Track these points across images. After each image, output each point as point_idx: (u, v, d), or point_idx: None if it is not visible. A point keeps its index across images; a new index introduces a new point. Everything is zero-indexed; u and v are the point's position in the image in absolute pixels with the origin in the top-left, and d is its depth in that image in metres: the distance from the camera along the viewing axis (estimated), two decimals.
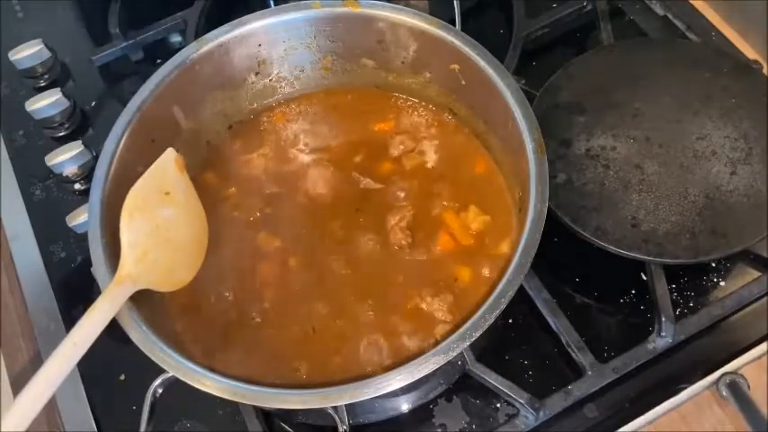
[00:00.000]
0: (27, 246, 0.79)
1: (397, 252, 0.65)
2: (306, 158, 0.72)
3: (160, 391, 0.57)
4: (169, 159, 0.58)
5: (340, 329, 0.62)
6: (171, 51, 0.68)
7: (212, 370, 0.53)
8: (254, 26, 0.68)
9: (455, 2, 0.79)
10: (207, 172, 0.71)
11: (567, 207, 0.68)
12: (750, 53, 0.82)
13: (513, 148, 0.62)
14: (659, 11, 0.87)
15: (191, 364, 0.53)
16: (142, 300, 0.56)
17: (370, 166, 0.71)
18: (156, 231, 0.54)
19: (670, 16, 0.86)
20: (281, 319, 0.63)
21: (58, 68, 0.92)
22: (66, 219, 0.76)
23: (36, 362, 0.73)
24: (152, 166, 0.56)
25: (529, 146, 0.59)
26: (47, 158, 0.80)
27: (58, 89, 0.85)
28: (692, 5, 0.87)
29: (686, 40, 0.83)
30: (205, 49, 0.67)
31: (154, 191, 0.54)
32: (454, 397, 0.66)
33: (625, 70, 0.76)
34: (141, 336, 0.53)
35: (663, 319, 0.65)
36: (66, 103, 0.85)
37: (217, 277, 0.64)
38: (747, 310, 0.68)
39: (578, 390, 0.64)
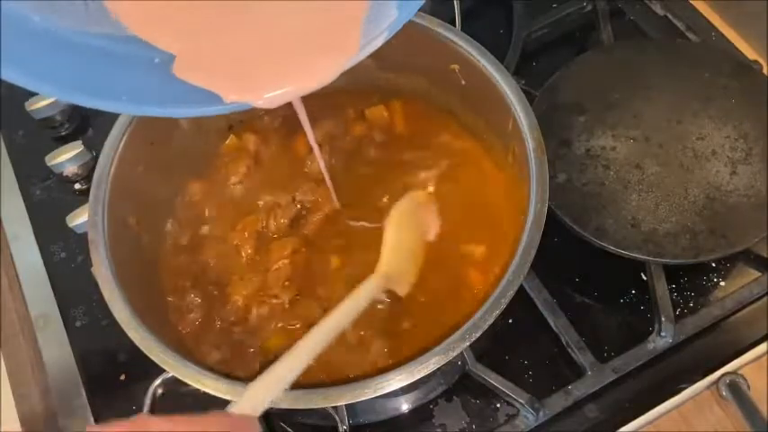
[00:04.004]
0: (27, 246, 0.78)
1: None
2: (306, 155, 0.72)
3: (160, 391, 0.57)
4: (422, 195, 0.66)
5: None
6: None
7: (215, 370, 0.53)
8: None
9: (455, 2, 0.78)
10: (208, 170, 0.71)
11: (567, 207, 0.68)
12: (750, 53, 0.82)
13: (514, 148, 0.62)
14: (659, 11, 0.87)
15: (191, 364, 0.53)
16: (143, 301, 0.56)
17: None
18: (408, 244, 0.61)
19: (670, 16, 0.86)
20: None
21: None
22: (67, 219, 0.75)
23: (36, 362, 0.73)
24: (410, 194, 0.64)
25: (529, 146, 0.59)
26: (47, 158, 0.80)
27: None
28: (692, 5, 0.87)
29: (686, 41, 0.83)
30: None
31: (412, 215, 0.62)
32: (454, 397, 0.66)
33: (625, 70, 0.76)
34: (141, 336, 0.53)
35: (663, 319, 0.65)
36: (66, 103, 0.85)
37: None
38: (747, 310, 0.68)
39: (578, 390, 0.64)
